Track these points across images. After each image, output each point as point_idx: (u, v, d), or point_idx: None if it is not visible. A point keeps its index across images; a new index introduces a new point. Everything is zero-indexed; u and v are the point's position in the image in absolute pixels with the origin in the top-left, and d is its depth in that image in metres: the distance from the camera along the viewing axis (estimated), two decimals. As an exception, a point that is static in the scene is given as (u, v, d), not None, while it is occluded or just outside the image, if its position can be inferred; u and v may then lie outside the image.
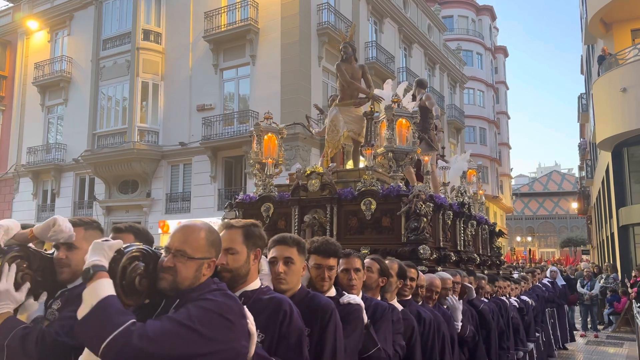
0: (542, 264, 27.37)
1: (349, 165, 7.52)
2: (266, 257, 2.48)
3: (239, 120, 17.94)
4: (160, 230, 18.11)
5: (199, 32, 18.98)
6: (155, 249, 1.95)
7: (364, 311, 2.81)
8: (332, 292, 2.78)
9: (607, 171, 19.00)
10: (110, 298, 1.66)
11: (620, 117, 15.21)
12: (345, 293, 2.83)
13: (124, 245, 1.86)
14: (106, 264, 1.74)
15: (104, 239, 1.82)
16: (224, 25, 18.49)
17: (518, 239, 55.62)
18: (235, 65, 18.57)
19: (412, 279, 3.69)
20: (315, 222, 5.63)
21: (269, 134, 6.59)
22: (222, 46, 18.65)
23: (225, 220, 2.30)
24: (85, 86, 21.12)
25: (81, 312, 1.63)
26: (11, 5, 25.60)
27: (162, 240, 15.64)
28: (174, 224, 16.57)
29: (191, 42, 19.34)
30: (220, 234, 2.14)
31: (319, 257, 2.74)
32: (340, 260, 2.97)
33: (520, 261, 22.20)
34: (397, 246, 5.21)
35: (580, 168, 39.50)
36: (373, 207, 5.50)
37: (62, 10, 22.71)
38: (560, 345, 10.80)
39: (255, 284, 2.23)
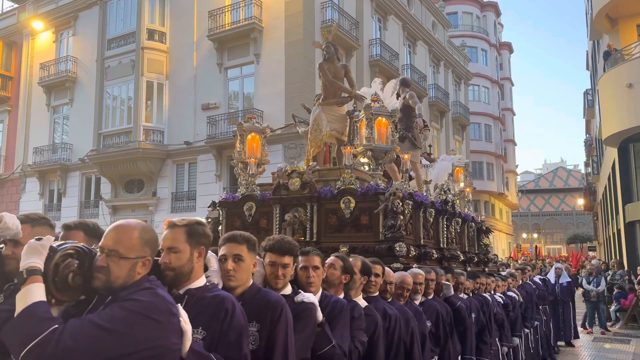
0: (548, 260, 27.33)
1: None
2: (217, 254, 2.51)
3: (243, 119, 17.93)
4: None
5: (203, 31, 19.01)
6: (94, 247, 1.98)
7: (318, 309, 2.82)
8: (288, 290, 2.80)
9: (613, 167, 18.92)
10: (36, 305, 1.69)
11: (626, 113, 15.14)
12: (301, 292, 2.84)
13: (59, 243, 1.89)
14: (41, 265, 1.78)
15: (37, 237, 1.84)
16: (228, 24, 18.51)
17: (524, 235, 55.50)
18: (240, 64, 18.60)
19: (377, 275, 3.68)
20: (295, 220, 5.66)
21: (252, 134, 6.58)
22: (226, 45, 18.67)
23: (169, 219, 2.34)
24: (90, 86, 21.21)
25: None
26: (16, 6, 25.72)
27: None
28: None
29: (195, 41, 19.38)
30: (164, 233, 2.21)
31: (273, 254, 2.76)
32: (300, 258, 3.01)
33: (523, 259, 22.09)
34: (375, 244, 5.24)
35: (586, 164, 39.35)
36: (352, 205, 5.53)
37: (67, 11, 22.80)
38: (565, 342, 10.79)
39: (199, 282, 2.23)
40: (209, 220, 6.47)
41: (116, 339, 1.69)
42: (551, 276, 11.36)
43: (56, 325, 1.65)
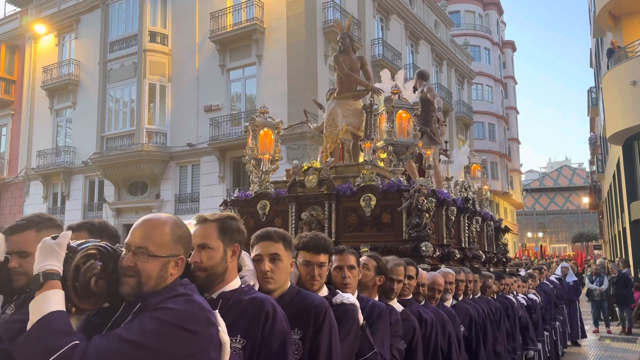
0: (555, 259, 27.20)
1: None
2: (249, 254, 2.31)
3: (246, 120, 17.90)
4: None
5: (205, 32, 19.01)
6: (118, 246, 1.75)
7: (360, 312, 2.62)
8: (324, 291, 2.58)
9: (618, 165, 18.81)
10: (54, 315, 1.47)
11: (631, 111, 15.04)
12: (339, 292, 2.63)
13: (79, 242, 1.66)
14: (60, 268, 1.55)
15: (53, 235, 1.61)
16: (230, 25, 18.50)
17: (529, 234, 55.28)
18: (242, 66, 18.59)
19: (410, 277, 3.47)
20: (312, 219, 5.42)
21: (265, 129, 6.36)
22: (228, 46, 18.66)
23: (199, 214, 2.09)
24: (93, 89, 21.24)
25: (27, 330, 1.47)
26: (18, 9, 25.79)
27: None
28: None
29: (197, 43, 19.38)
30: (193, 229, 1.98)
31: (307, 253, 2.53)
32: (333, 257, 2.79)
33: (524, 258, 21.95)
34: (398, 243, 5.02)
35: (591, 162, 39.19)
36: (373, 203, 5.29)
37: (69, 14, 22.84)
38: (572, 342, 10.71)
39: (234, 284, 2.01)
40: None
41: (148, 355, 1.47)
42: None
43: (77, 341, 1.43)
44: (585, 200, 45.36)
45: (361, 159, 6.40)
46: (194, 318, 1.58)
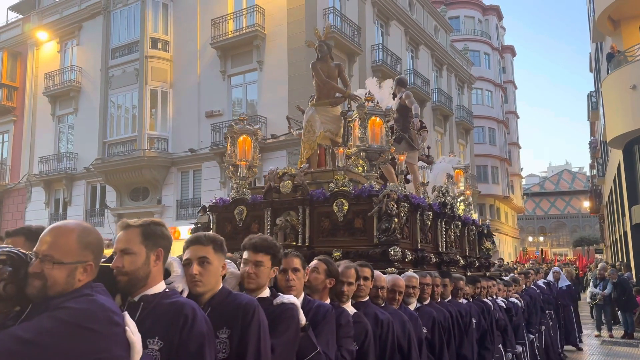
0: (556, 264, 27.18)
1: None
2: (180, 259, 2.33)
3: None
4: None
5: (206, 39, 19.11)
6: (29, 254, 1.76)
7: (301, 312, 2.62)
8: (266, 292, 2.61)
9: (618, 169, 18.84)
10: None
11: (631, 115, 15.09)
12: (280, 294, 2.64)
13: None
14: None
15: None
16: (231, 31, 18.60)
17: (530, 239, 55.27)
18: (243, 71, 18.68)
19: (365, 279, 3.46)
20: (287, 224, 5.44)
21: (244, 136, 6.36)
22: (230, 52, 18.76)
23: (122, 220, 2.13)
24: (95, 95, 21.33)
25: None
26: (21, 17, 25.93)
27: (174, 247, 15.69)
28: (184, 230, 16.63)
29: (199, 49, 19.48)
30: (117, 235, 2.04)
31: (246, 251, 2.60)
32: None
33: (531, 262, 21.96)
34: (369, 248, 5.05)
35: (592, 166, 39.22)
36: (345, 208, 5.33)
37: (71, 21, 22.96)
38: (572, 344, 10.68)
39: (157, 288, 2.03)
40: (199, 225, 6.26)
41: (43, 353, 1.48)
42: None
43: None
44: (586, 204, 45.39)
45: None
46: (93, 316, 1.61)
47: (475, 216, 8.55)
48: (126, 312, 1.79)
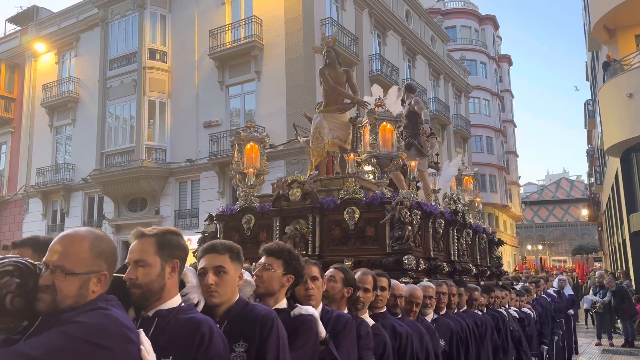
0: (554, 272, 27.11)
1: None
2: (195, 268, 2.23)
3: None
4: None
5: (204, 49, 19.16)
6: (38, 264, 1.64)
7: (320, 324, 2.52)
8: (283, 303, 2.51)
9: (616, 177, 18.87)
10: None
11: (628, 123, 15.14)
12: (299, 305, 2.54)
13: None
14: None
15: None
16: (229, 42, 18.67)
17: (529, 247, 55.21)
18: (241, 82, 18.72)
19: (383, 289, 3.35)
20: (296, 233, 5.33)
21: (251, 143, 6.28)
22: (228, 63, 18.81)
23: (137, 228, 2.01)
24: (92, 106, 21.33)
25: None
26: (19, 28, 26.00)
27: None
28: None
29: (197, 60, 19.52)
30: (131, 245, 1.92)
31: (262, 256, 2.54)
32: None
33: (524, 271, 21.82)
34: (382, 256, 4.93)
35: (589, 174, 39.26)
36: (356, 216, 5.19)
37: (69, 32, 23.03)
38: (567, 356, 10.59)
39: (173, 302, 1.92)
40: (206, 234, 6.15)
41: None
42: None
43: None
44: (584, 212, 45.42)
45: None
46: (105, 332, 1.50)
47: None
48: (141, 330, 1.68)
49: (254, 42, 17.89)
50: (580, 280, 23.82)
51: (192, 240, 12.18)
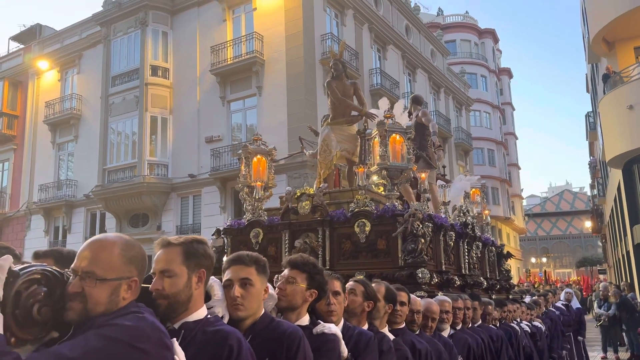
0: (558, 285, 26.95)
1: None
2: (220, 280, 2.17)
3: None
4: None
5: (205, 66, 19.30)
6: (66, 271, 1.59)
7: (342, 342, 2.46)
8: (305, 320, 2.44)
9: (618, 189, 18.82)
10: None
11: (629, 135, 15.14)
12: (321, 322, 2.47)
13: (23, 266, 1.49)
14: None
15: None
16: (230, 58, 18.80)
17: (533, 260, 54.91)
18: (242, 97, 18.82)
19: (402, 304, 3.28)
20: (306, 247, 5.28)
21: (258, 156, 6.27)
22: (229, 78, 18.92)
23: (162, 237, 1.98)
24: (95, 122, 21.44)
25: None
26: (22, 46, 26.23)
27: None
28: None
29: (198, 76, 19.65)
30: (157, 254, 1.88)
31: (285, 269, 2.48)
32: None
33: (526, 284, 21.62)
34: (394, 270, 4.86)
35: (592, 186, 39.18)
36: (367, 229, 5.13)
37: (72, 50, 23.23)
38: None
39: (199, 313, 1.87)
40: (213, 249, 6.01)
41: None
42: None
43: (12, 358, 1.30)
44: (588, 224, 45.19)
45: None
46: (144, 335, 1.47)
47: None
48: (175, 339, 1.63)
49: (255, 58, 18.01)
50: (584, 293, 23.66)
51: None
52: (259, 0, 18.81)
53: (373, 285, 3.10)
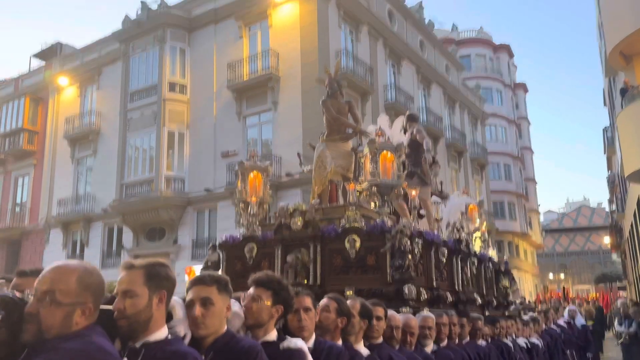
0: (578, 302, 26.50)
1: None
2: (183, 300, 2.24)
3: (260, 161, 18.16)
4: (186, 277, 18.16)
5: (222, 82, 19.55)
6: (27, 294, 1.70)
7: (309, 356, 2.50)
8: (273, 335, 2.50)
9: (638, 204, 18.55)
10: None
11: (648, 149, 14.94)
12: (288, 337, 2.52)
13: None
14: None
15: None
16: (247, 74, 19.04)
17: (550, 276, 54.07)
18: (258, 112, 19.02)
19: (379, 318, 3.29)
20: (297, 261, 5.32)
21: (254, 172, 6.37)
22: (245, 94, 19.14)
23: (126, 260, 2.08)
24: (113, 138, 21.78)
25: None
26: (43, 64, 26.82)
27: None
28: (200, 270, 16.66)
29: (215, 92, 19.91)
30: (120, 276, 1.95)
31: (251, 287, 2.54)
32: None
33: (528, 302, 21.21)
34: (382, 286, 4.89)
35: (610, 202, 38.60)
36: (357, 244, 5.19)
37: (92, 66, 23.71)
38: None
39: (160, 334, 1.93)
40: (209, 263, 6.19)
41: None
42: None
43: None
44: (607, 240, 44.47)
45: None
46: (89, 358, 1.52)
47: (493, 253, 8.37)
48: (126, 358, 1.71)
49: (271, 74, 18.22)
50: (605, 310, 23.21)
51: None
52: (275, 18, 19.07)
53: (348, 301, 3.13)
